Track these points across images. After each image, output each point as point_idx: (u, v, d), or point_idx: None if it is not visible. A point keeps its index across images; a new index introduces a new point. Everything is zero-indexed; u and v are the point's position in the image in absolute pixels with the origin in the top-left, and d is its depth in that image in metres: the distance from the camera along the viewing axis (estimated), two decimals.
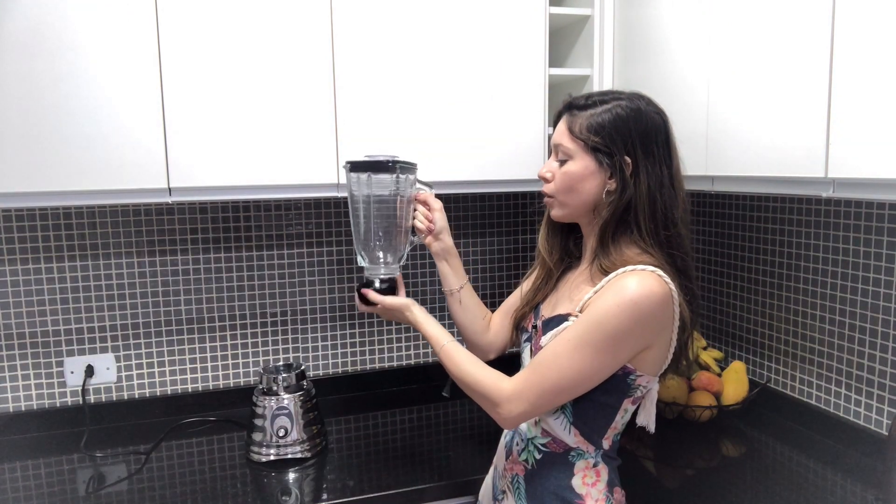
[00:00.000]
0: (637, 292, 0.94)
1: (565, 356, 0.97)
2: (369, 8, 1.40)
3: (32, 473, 1.39)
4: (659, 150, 1.02)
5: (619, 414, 1.04)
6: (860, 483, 1.26)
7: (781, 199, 1.57)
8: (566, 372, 0.97)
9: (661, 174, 1.01)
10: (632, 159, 1.01)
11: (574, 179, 1.04)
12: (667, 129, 1.04)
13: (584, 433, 1.05)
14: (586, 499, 1.05)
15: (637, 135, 1.01)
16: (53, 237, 1.60)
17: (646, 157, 1.01)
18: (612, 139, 1.01)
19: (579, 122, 1.04)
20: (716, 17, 1.24)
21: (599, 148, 1.02)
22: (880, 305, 1.33)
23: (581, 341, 0.96)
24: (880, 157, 0.93)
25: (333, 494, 1.28)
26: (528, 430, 1.10)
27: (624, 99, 1.03)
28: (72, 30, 1.24)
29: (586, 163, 1.03)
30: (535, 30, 1.52)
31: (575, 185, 1.05)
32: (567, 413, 1.05)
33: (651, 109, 1.03)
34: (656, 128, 1.02)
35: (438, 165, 1.48)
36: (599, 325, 0.95)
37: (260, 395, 1.45)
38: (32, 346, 1.60)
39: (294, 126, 1.38)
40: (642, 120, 1.02)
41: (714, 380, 1.59)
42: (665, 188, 1.01)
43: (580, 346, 0.96)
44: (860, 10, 0.95)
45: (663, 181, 1.01)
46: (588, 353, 0.95)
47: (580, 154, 1.04)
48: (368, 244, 1.26)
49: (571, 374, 0.97)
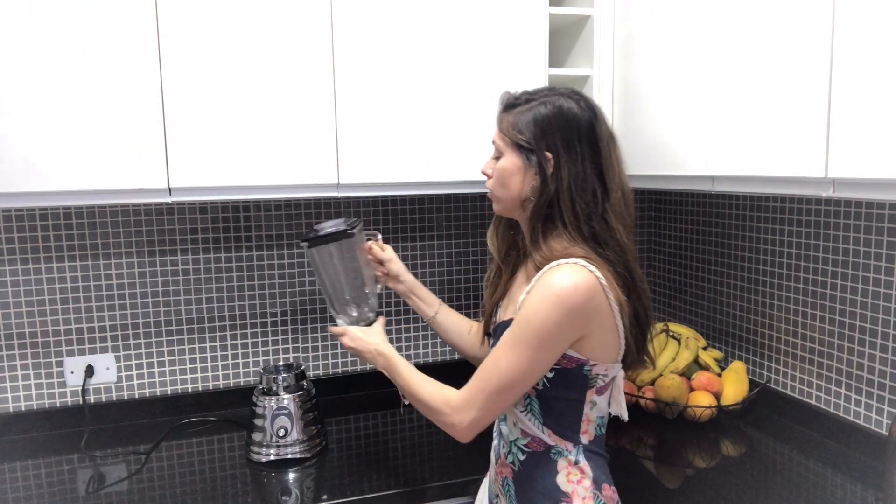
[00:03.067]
0: (559, 286, 0.97)
1: (503, 357, 1.01)
2: (369, 8, 1.40)
3: (32, 473, 1.39)
4: (582, 147, 1.05)
5: (586, 406, 1.06)
6: (860, 483, 1.26)
7: (781, 199, 1.57)
8: (506, 372, 1.01)
9: (584, 170, 1.04)
10: (553, 156, 1.04)
11: (504, 175, 1.09)
12: (593, 124, 1.06)
13: (557, 431, 1.06)
14: (573, 497, 1.05)
15: (558, 132, 1.04)
16: (53, 237, 1.60)
17: (567, 154, 1.04)
18: (534, 136, 1.05)
19: (507, 120, 1.09)
20: (716, 17, 1.24)
21: (522, 145, 1.06)
22: (880, 305, 1.33)
23: (515, 340, 1.00)
24: (880, 157, 0.93)
25: (333, 494, 1.28)
26: (510, 433, 1.12)
27: (552, 96, 1.06)
28: (72, 29, 1.24)
29: (514, 159, 1.08)
30: (535, 30, 1.52)
31: (505, 180, 1.09)
32: (535, 413, 1.07)
33: (577, 107, 1.06)
34: (579, 125, 1.05)
35: (439, 166, 1.48)
36: (529, 322, 0.98)
37: (260, 395, 1.45)
38: (32, 346, 1.61)
39: (294, 126, 1.38)
40: (564, 117, 1.05)
41: (714, 380, 1.59)
42: (588, 183, 1.04)
43: (515, 344, 1.00)
44: (860, 9, 0.95)
45: (586, 177, 1.04)
46: (523, 350, 0.99)
47: (508, 151, 1.09)
48: (342, 306, 1.33)
49: (511, 374, 1.00)
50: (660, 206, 2.04)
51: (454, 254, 1.91)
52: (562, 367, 1.03)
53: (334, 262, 1.29)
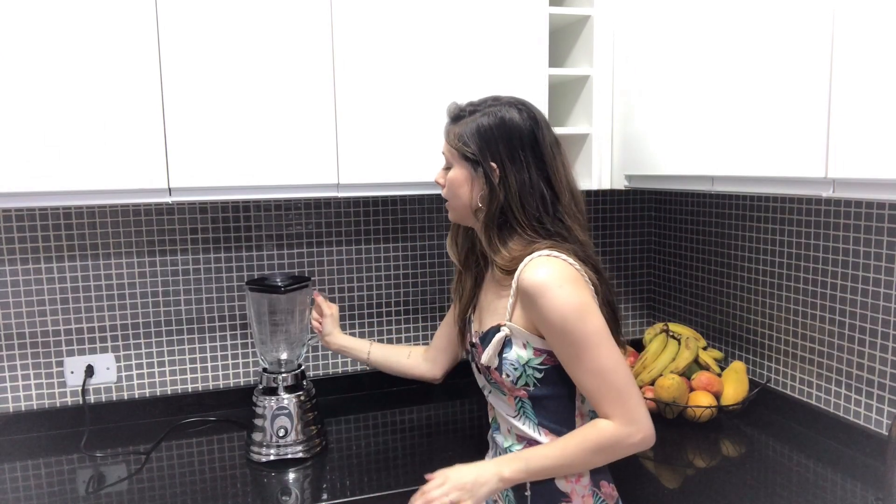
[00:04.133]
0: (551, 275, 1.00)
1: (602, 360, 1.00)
2: (369, 8, 1.40)
3: (32, 473, 1.39)
4: (526, 154, 1.07)
5: (577, 399, 1.09)
6: (860, 483, 1.26)
7: (781, 199, 1.57)
8: (617, 367, 1.01)
9: (530, 177, 1.07)
10: (498, 165, 1.07)
11: (454, 185, 1.13)
12: (534, 132, 1.08)
13: (553, 429, 1.08)
14: (572, 496, 1.05)
15: (501, 142, 1.07)
16: (53, 237, 1.60)
17: (512, 163, 1.07)
18: (478, 147, 1.08)
19: (453, 132, 1.12)
20: (716, 17, 1.24)
21: (468, 156, 1.09)
22: (880, 305, 1.33)
23: (586, 344, 0.99)
24: (880, 157, 0.93)
25: (333, 494, 1.28)
26: (504, 440, 1.13)
27: (494, 106, 1.09)
28: (72, 29, 1.24)
29: (461, 170, 1.11)
30: (535, 30, 1.52)
31: (455, 190, 1.13)
32: (529, 415, 1.08)
33: (518, 116, 1.08)
34: (521, 133, 1.07)
35: (438, 166, 1.48)
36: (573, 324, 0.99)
37: (260, 395, 1.45)
38: (32, 346, 1.60)
39: (294, 126, 1.38)
40: (505, 127, 1.07)
41: (714, 380, 1.59)
42: (535, 189, 1.07)
43: (589, 347, 1.00)
44: (860, 9, 0.95)
45: (533, 183, 1.07)
46: (598, 342, 1.00)
47: (456, 161, 1.12)
48: (268, 350, 1.50)
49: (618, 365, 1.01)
50: (660, 206, 2.04)
51: None
52: (548, 365, 1.05)
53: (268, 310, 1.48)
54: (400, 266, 1.87)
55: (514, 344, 1.06)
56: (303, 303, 1.51)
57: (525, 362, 1.05)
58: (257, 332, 1.49)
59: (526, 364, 1.05)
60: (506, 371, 1.06)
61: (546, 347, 1.04)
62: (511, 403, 1.11)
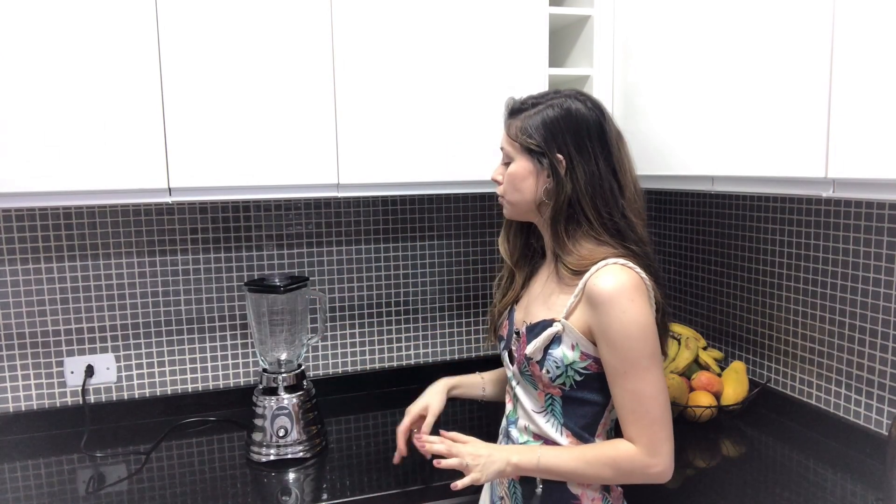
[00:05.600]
0: (621, 285, 0.98)
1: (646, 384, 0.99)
2: (369, 8, 1.40)
3: (32, 473, 1.39)
4: (593, 146, 1.06)
5: (607, 409, 1.07)
6: (860, 483, 1.26)
7: (781, 199, 1.57)
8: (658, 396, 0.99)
9: (598, 169, 1.05)
10: (565, 157, 1.05)
11: (516, 179, 1.09)
12: (601, 123, 1.07)
13: (575, 433, 1.07)
14: (582, 499, 1.05)
15: (568, 133, 1.05)
16: (53, 237, 1.60)
17: (579, 154, 1.05)
18: (544, 139, 1.05)
19: (515, 126, 1.09)
20: (716, 17, 1.24)
21: (532, 149, 1.06)
22: (880, 305, 1.33)
23: (640, 366, 0.98)
24: (880, 157, 0.93)
25: (333, 494, 1.28)
26: (520, 436, 1.12)
27: (558, 98, 1.07)
28: (72, 29, 1.24)
29: (524, 163, 1.08)
30: (535, 30, 1.52)
31: (518, 184, 1.09)
32: (557, 415, 1.06)
33: (584, 107, 1.07)
34: (588, 124, 1.06)
35: (439, 166, 1.48)
36: (631, 339, 0.97)
37: (260, 395, 1.45)
38: (32, 346, 1.60)
39: (294, 126, 1.38)
40: (572, 118, 1.06)
41: (714, 380, 1.59)
42: (604, 180, 1.05)
43: (645, 369, 0.98)
44: (860, 9, 0.95)
45: (601, 175, 1.05)
46: (648, 365, 0.98)
47: (518, 155, 1.09)
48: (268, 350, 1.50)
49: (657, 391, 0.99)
50: (660, 206, 2.04)
51: (454, 254, 1.91)
52: (592, 371, 1.03)
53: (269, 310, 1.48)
54: (400, 266, 1.87)
55: (563, 342, 1.04)
56: (302, 303, 1.51)
57: (569, 363, 1.04)
58: (257, 332, 1.49)
59: (570, 365, 1.04)
60: (547, 367, 1.05)
61: (594, 354, 1.03)
62: (540, 399, 1.09)
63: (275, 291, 1.45)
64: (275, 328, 1.48)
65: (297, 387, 1.46)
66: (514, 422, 1.15)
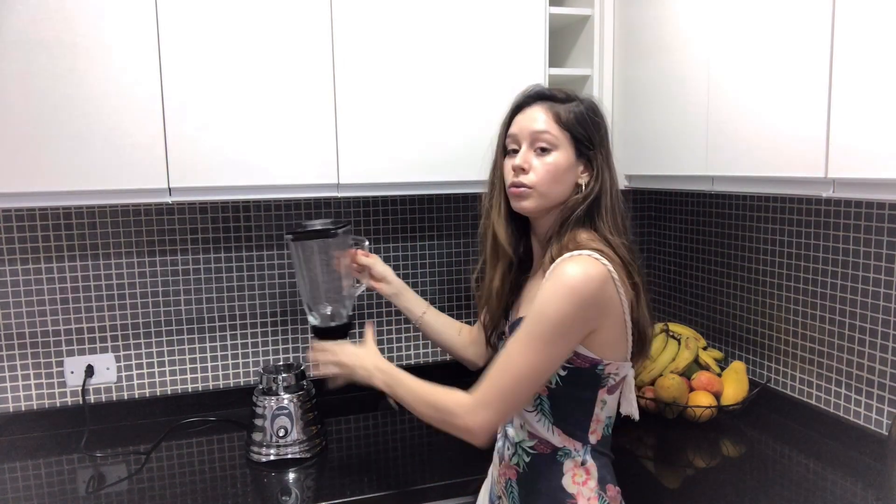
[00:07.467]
0: (573, 277, 0.95)
1: (517, 354, 0.98)
2: (369, 8, 1.40)
3: (32, 473, 1.39)
4: (607, 147, 1.08)
5: (597, 406, 1.06)
6: (860, 483, 1.26)
7: (781, 199, 1.57)
8: (521, 369, 0.97)
9: (613, 170, 1.08)
10: (601, 155, 1.06)
11: (559, 170, 1.04)
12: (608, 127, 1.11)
13: (567, 431, 1.06)
14: (578, 497, 1.05)
15: (599, 131, 1.07)
16: (53, 237, 1.60)
17: (605, 155, 1.07)
18: (591, 132, 1.05)
19: (565, 113, 1.05)
20: (715, 17, 1.24)
21: (582, 140, 1.05)
22: (880, 305, 1.33)
23: (529, 336, 0.97)
24: (880, 157, 0.93)
25: (333, 494, 1.28)
26: (516, 435, 1.12)
27: (582, 96, 1.09)
28: (72, 29, 1.24)
29: (569, 154, 1.05)
30: (535, 30, 1.52)
31: (561, 176, 1.05)
32: (546, 414, 1.06)
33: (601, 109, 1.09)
34: (607, 127, 1.09)
35: (438, 166, 1.49)
36: (542, 315, 0.96)
37: (260, 395, 1.45)
38: (32, 346, 1.60)
39: (294, 126, 1.38)
40: (603, 119, 1.08)
41: (714, 380, 1.59)
42: (616, 183, 1.08)
43: (529, 341, 0.97)
44: (860, 8, 0.95)
45: (613, 175, 1.08)
46: (538, 346, 0.96)
47: (565, 144, 1.05)
48: (316, 303, 1.37)
49: (526, 371, 0.97)
50: (660, 206, 2.04)
51: (454, 254, 1.91)
52: (575, 366, 1.02)
53: (314, 259, 1.32)
54: (400, 266, 1.87)
55: None
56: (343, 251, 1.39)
57: None
58: (308, 288, 1.36)
59: None
60: None
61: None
62: None
63: (327, 236, 1.33)
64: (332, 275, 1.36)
65: (296, 387, 1.46)
66: (511, 421, 1.15)
